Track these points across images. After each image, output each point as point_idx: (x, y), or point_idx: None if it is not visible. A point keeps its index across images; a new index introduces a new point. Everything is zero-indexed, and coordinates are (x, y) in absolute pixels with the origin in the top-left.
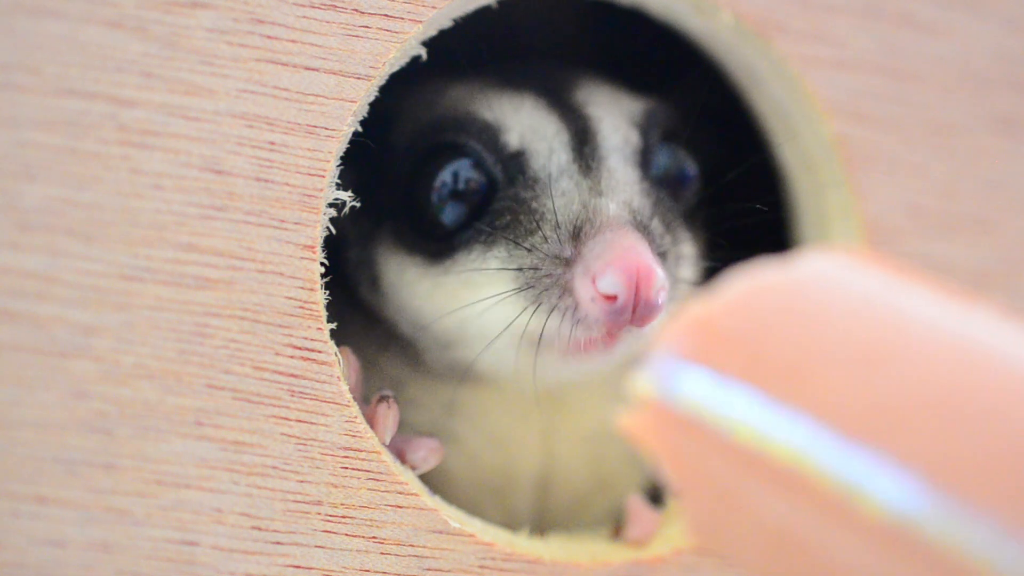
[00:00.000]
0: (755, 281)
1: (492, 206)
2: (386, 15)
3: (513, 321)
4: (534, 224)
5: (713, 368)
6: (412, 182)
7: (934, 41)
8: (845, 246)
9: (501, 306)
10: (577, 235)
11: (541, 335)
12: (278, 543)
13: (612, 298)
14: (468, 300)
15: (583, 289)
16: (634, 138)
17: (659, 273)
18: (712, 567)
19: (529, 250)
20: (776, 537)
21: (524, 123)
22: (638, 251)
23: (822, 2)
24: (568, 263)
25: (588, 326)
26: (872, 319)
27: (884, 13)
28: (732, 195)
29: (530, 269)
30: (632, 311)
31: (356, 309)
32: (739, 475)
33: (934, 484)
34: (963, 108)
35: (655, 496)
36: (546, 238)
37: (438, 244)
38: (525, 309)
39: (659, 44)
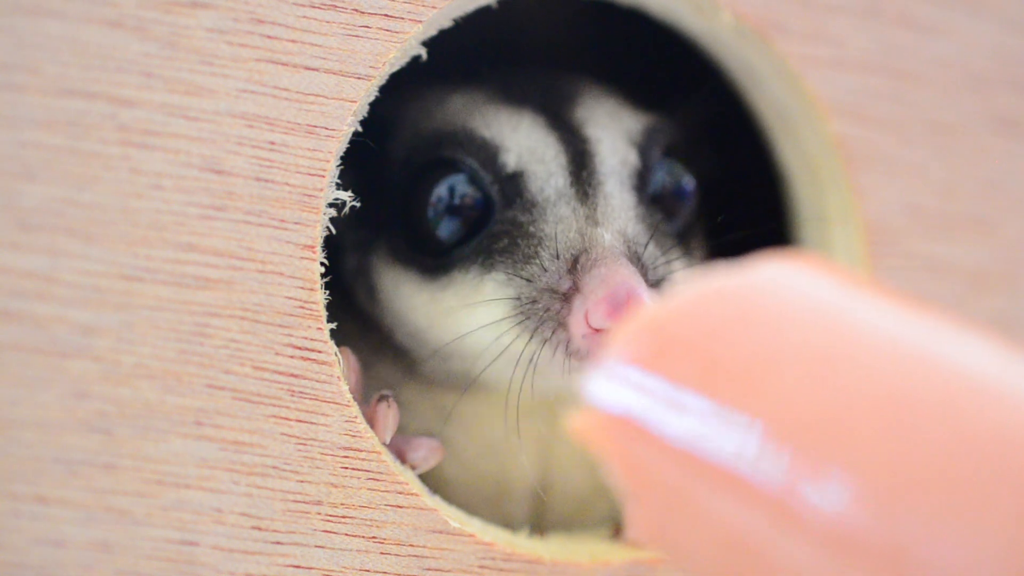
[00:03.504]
0: (707, 286)
1: (489, 227)
2: (386, 15)
3: (508, 346)
4: (532, 250)
5: (663, 372)
6: (408, 195)
7: (934, 41)
8: (810, 254)
9: (497, 330)
10: (573, 266)
11: (535, 359)
12: (278, 543)
13: (603, 331)
14: (465, 320)
15: (576, 326)
16: (632, 159)
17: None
18: None
19: (528, 280)
20: (724, 540)
21: (522, 143)
22: (630, 285)
23: (822, 2)
24: (565, 297)
25: (580, 358)
26: (822, 325)
27: (884, 13)
28: (732, 198)
29: (528, 301)
30: None
31: (352, 311)
32: (687, 479)
33: (876, 491)
34: (963, 108)
35: None
36: (544, 268)
37: (434, 260)
38: (520, 336)
39: (659, 44)
